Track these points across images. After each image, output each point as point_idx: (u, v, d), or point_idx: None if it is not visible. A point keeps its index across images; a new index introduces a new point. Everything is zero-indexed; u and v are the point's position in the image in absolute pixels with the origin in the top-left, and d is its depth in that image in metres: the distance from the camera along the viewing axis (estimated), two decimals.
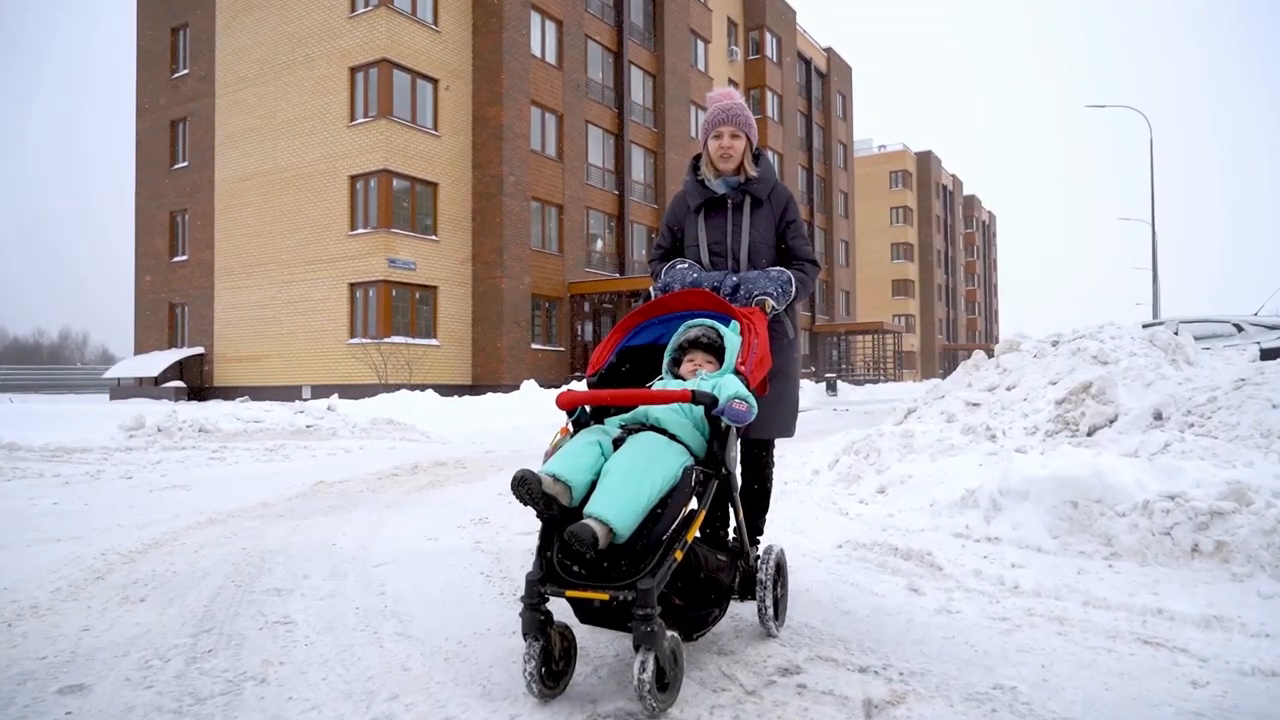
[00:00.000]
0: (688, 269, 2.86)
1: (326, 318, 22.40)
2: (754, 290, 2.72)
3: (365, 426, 9.72)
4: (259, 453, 8.08)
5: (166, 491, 5.83)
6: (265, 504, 5.33)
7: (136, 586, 3.19)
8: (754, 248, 2.92)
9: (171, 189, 26.81)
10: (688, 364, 2.48)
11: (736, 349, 2.42)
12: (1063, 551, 3.04)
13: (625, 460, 2.06)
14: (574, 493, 2.06)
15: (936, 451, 5.52)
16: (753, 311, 2.63)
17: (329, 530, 4.37)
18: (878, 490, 5.09)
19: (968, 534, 3.42)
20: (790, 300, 2.80)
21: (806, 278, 2.91)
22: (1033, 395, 6.82)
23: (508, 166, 23.33)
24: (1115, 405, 5.54)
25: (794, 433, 2.97)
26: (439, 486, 6.19)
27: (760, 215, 2.95)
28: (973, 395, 7.44)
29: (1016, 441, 5.67)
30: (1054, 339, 7.54)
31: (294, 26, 23.42)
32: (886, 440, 5.76)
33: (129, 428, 8.26)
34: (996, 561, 3.06)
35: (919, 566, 3.09)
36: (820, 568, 3.28)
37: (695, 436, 2.25)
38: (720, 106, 2.90)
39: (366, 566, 3.52)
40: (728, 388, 2.20)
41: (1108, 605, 2.56)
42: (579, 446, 2.13)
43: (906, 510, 4.07)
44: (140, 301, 27.89)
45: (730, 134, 2.89)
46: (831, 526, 4.01)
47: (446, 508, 5.14)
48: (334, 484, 6.28)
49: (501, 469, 7.36)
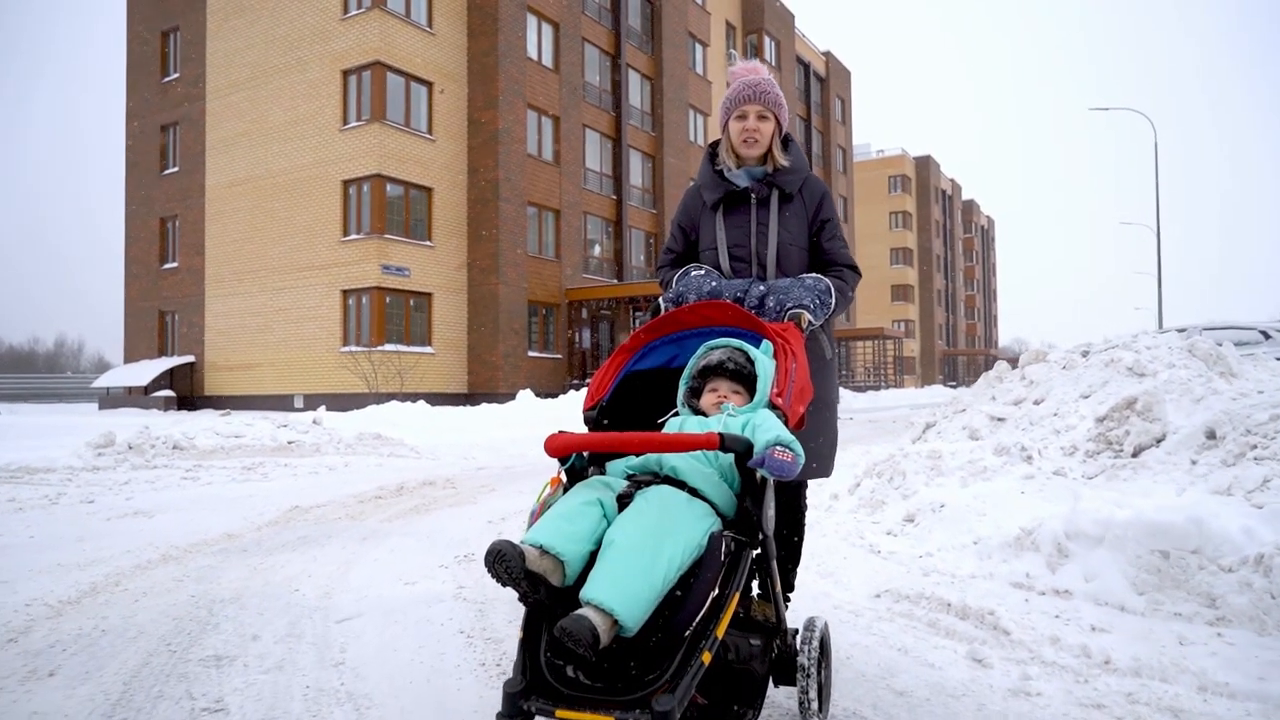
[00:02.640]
0: (704, 276, 2.38)
1: (319, 325, 21.89)
2: (787, 301, 2.24)
3: (351, 442, 9.22)
4: (236, 471, 7.58)
5: (126, 520, 5.33)
6: (230, 535, 4.84)
7: (53, 653, 2.70)
8: (783, 250, 2.45)
9: (161, 194, 26.33)
10: (710, 395, 2.00)
11: (771, 376, 1.94)
12: (1153, 612, 2.56)
13: (634, 526, 1.59)
14: (567, 569, 1.58)
15: (968, 474, 5.04)
16: (786, 328, 2.15)
17: (294, 570, 3.88)
18: (905, 519, 4.61)
19: (1029, 584, 2.94)
20: (829, 313, 2.32)
21: (846, 286, 2.43)
22: (1064, 410, 6.35)
23: (503, 171, 22.87)
24: (1163, 423, 5.06)
25: (832, 471, 2.50)
26: (424, 512, 5.70)
27: (790, 212, 2.47)
28: (997, 409, 6.96)
29: (1054, 463, 5.19)
30: (1083, 349, 7.07)
31: (285, 29, 22.97)
32: (912, 462, 5.28)
33: (97, 445, 7.76)
34: (1073, 623, 2.58)
35: (979, 628, 2.61)
36: (858, 625, 2.79)
37: (722, 492, 1.77)
38: (745, 82, 2.43)
39: (328, 622, 3.03)
40: (766, 429, 1.72)
41: (1231, 693, 2.07)
42: (574, 507, 1.65)
43: (947, 549, 3.59)
44: (130, 309, 27.38)
45: (757, 114, 2.42)
46: (863, 568, 3.52)
47: (429, 539, 4.65)
48: (310, 509, 5.78)
49: (493, 489, 6.88)
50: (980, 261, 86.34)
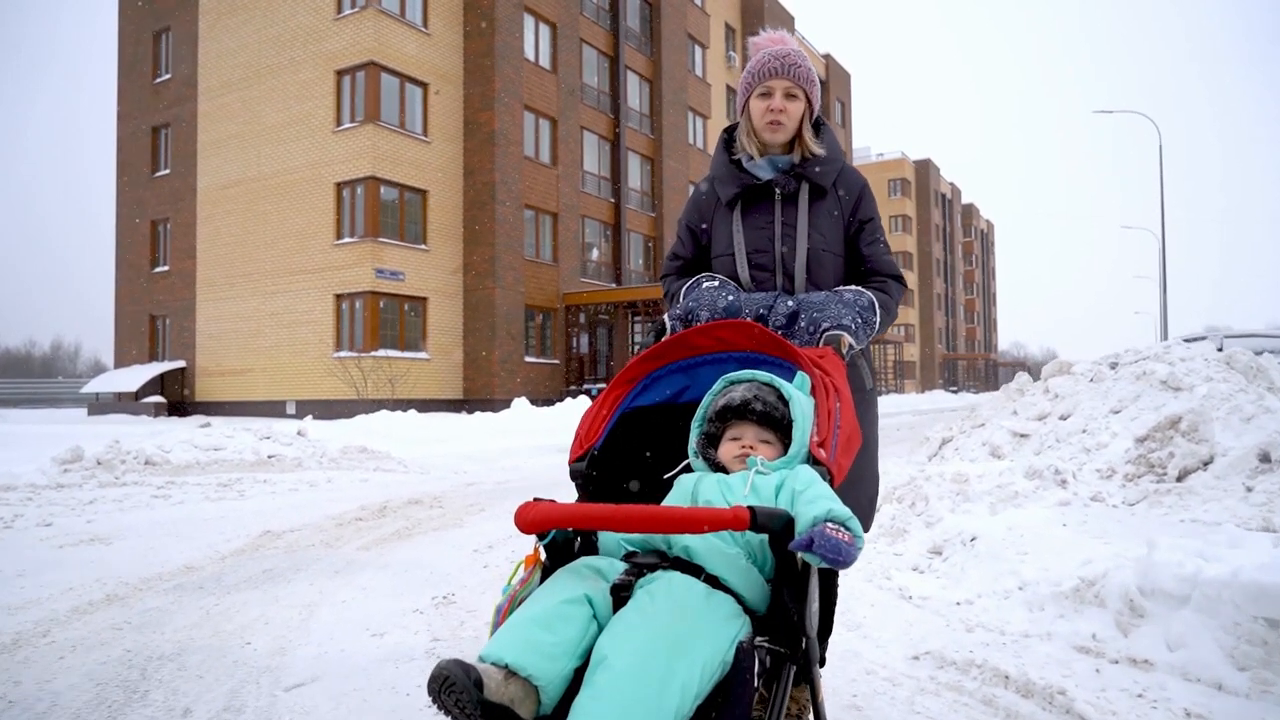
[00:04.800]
0: (719, 288, 1.96)
1: (311, 330, 21.44)
2: (822, 320, 1.82)
3: (335, 456, 8.78)
4: (210, 489, 7.15)
5: (80, 548, 4.89)
6: (189, 567, 4.40)
7: None
8: (814, 257, 2.02)
9: (153, 197, 25.89)
10: (731, 444, 1.57)
11: (811, 420, 1.52)
12: (1262, 694, 2.13)
13: (634, 635, 1.16)
14: (543, 695, 1.15)
15: (996, 500, 4.62)
16: (824, 354, 1.73)
17: (250, 615, 3.45)
18: (932, 550, 4.19)
19: (1097, 649, 2.51)
20: (874, 334, 1.90)
21: (891, 300, 2.01)
22: (1094, 427, 5.94)
23: (500, 173, 22.45)
24: (1210, 444, 4.65)
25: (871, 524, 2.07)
26: (405, 538, 5.27)
27: (822, 210, 2.05)
28: (1020, 424, 6.55)
29: (1090, 486, 4.78)
30: (1111, 360, 6.65)
31: (278, 29, 22.55)
32: (934, 485, 4.86)
33: (64, 461, 7.31)
34: (1162, 707, 2.15)
35: (1048, 711, 2.18)
36: (898, 699, 2.36)
37: (750, 579, 1.34)
38: (771, 53, 2.01)
39: (276, 689, 2.60)
40: (812, 499, 1.29)
41: None
42: (553, 607, 1.22)
43: (988, 596, 3.16)
44: (120, 313, 26.93)
45: (784, 91, 2.00)
46: (894, 619, 3.09)
47: (406, 574, 4.22)
48: (282, 534, 5.35)
49: (482, 509, 6.45)
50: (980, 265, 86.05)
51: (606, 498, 1.64)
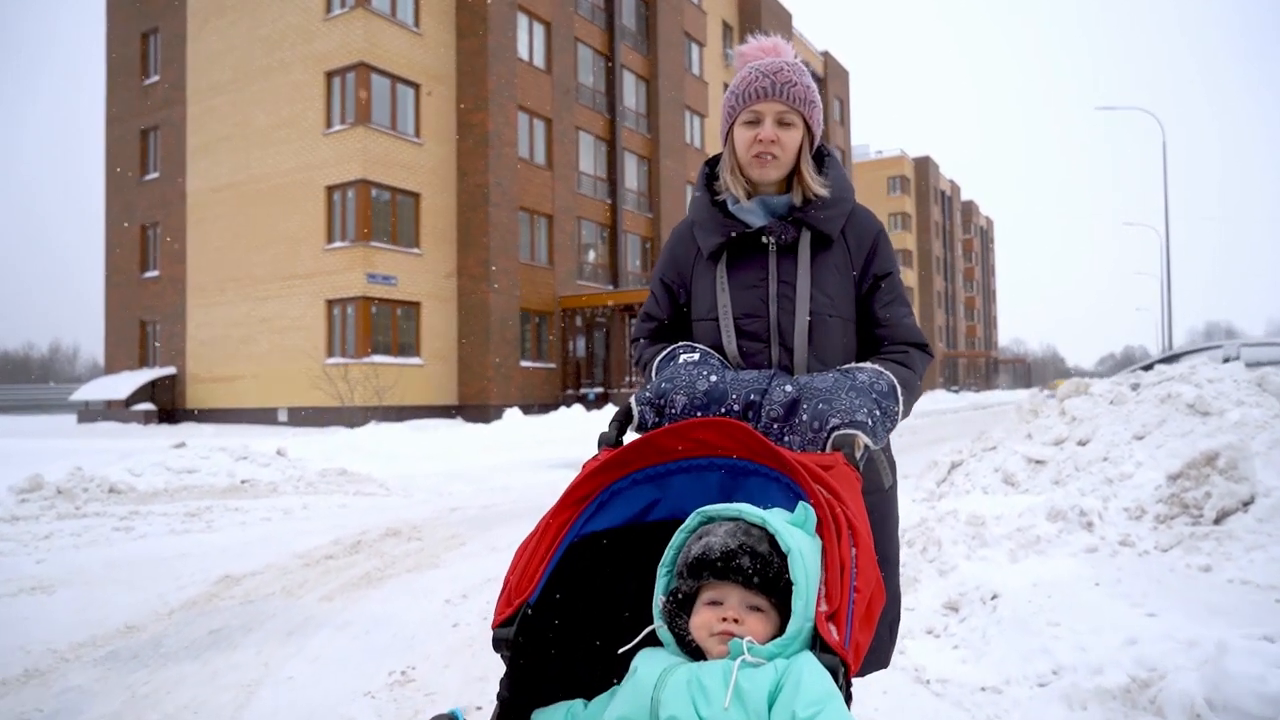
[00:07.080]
0: (698, 365, 1.55)
1: (303, 336, 21.05)
2: (829, 414, 1.41)
3: (313, 479, 8.37)
4: (177, 519, 6.75)
5: (16, 600, 4.49)
6: (130, 626, 4.01)
7: None
8: (818, 323, 1.62)
9: (142, 201, 25.49)
10: (708, 613, 1.15)
11: (817, 578, 1.11)
12: None
13: None
14: None
15: (1016, 546, 4.22)
16: (832, 461, 1.32)
17: (181, 698, 3.05)
18: (947, 606, 3.80)
19: None
20: (894, 427, 1.50)
21: (915, 376, 1.60)
22: (1116, 455, 5.54)
23: (494, 175, 22.05)
24: (1251, 483, 4.25)
25: (891, 657, 1.67)
26: (375, 583, 4.87)
27: (828, 265, 1.64)
28: (1034, 449, 6.15)
29: (1118, 529, 4.37)
30: (1133, 381, 6.25)
31: (267, 30, 22.14)
32: (947, 528, 4.46)
33: (22, 490, 6.92)
34: None
35: None
36: None
37: None
38: (760, 69, 1.61)
39: None
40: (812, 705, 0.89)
41: None
42: None
43: (1017, 681, 2.77)
44: (110, 318, 26.55)
45: (776, 118, 1.59)
46: (912, 712, 2.70)
47: (368, 636, 3.82)
48: (241, 579, 4.95)
49: (463, 543, 6.06)
50: (980, 262, 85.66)
51: (546, 669, 1.24)
